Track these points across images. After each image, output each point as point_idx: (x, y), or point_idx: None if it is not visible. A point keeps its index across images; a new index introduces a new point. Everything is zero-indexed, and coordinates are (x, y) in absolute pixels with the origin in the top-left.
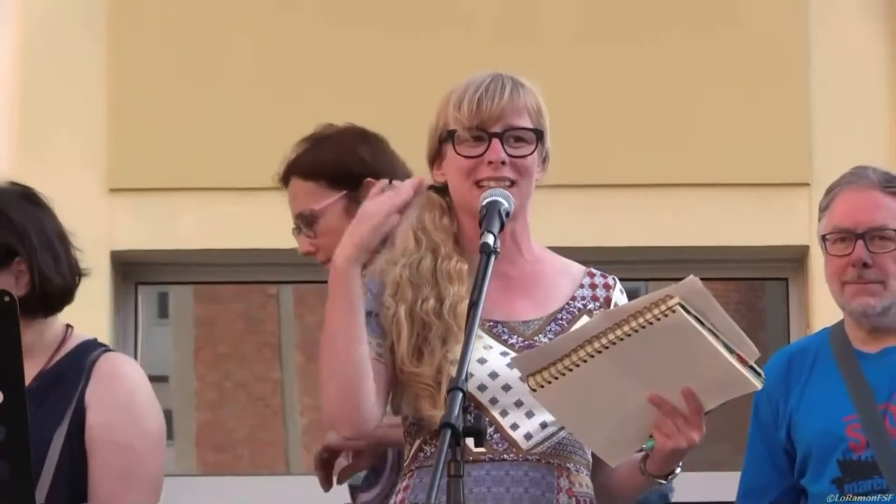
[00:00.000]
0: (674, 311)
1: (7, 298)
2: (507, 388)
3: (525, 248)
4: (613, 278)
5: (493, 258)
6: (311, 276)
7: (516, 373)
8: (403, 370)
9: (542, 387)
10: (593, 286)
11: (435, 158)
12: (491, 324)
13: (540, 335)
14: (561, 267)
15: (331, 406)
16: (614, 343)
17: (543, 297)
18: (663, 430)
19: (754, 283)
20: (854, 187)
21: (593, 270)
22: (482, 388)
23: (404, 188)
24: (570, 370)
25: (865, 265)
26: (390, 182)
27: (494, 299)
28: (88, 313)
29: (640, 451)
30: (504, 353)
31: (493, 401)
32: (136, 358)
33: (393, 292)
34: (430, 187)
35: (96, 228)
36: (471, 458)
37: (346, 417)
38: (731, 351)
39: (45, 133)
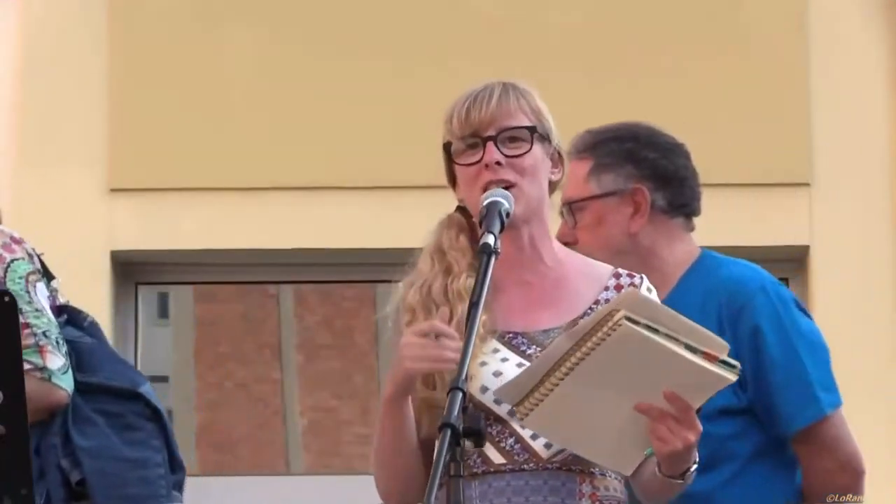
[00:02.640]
0: (620, 326)
1: (7, 298)
2: None
3: (546, 253)
4: (641, 277)
5: (493, 258)
6: (311, 275)
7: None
8: (417, 395)
9: (528, 415)
10: (618, 287)
11: (453, 178)
12: (511, 335)
13: None
14: (586, 270)
15: (382, 497)
16: (578, 364)
17: (565, 304)
18: (657, 435)
19: None
20: None
21: (620, 271)
22: (499, 401)
23: (450, 349)
24: (547, 395)
25: (567, 243)
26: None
27: (515, 309)
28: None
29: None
30: (520, 365)
31: (512, 413)
32: (135, 358)
33: (409, 319)
34: (457, 208)
35: (96, 228)
36: (492, 470)
37: None
38: (694, 351)
39: (45, 133)
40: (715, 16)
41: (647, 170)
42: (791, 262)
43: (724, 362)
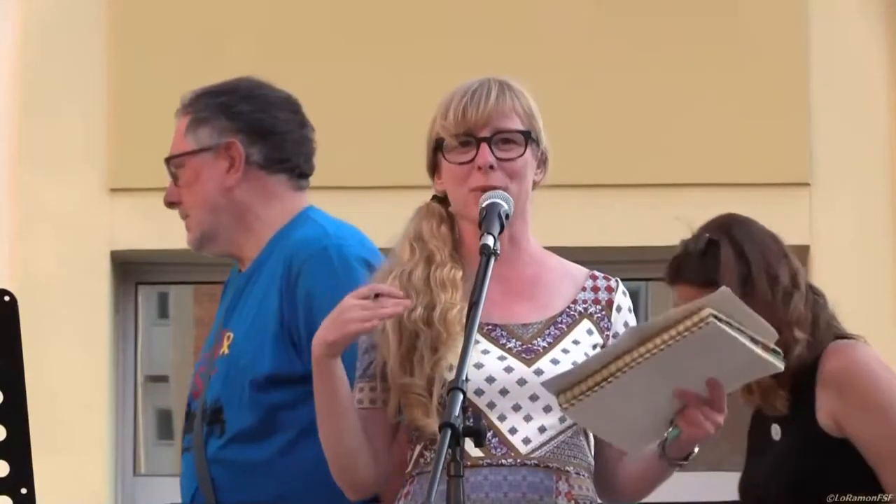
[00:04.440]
0: (707, 324)
1: (7, 298)
2: (504, 391)
3: (525, 250)
4: (616, 280)
5: (493, 259)
6: None
7: (513, 376)
8: (395, 381)
9: (573, 405)
10: (595, 289)
11: (434, 169)
12: (489, 327)
13: (538, 339)
14: (563, 270)
15: (332, 473)
16: (646, 357)
17: (544, 301)
18: (690, 420)
19: None
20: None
21: (596, 273)
22: (479, 392)
23: (391, 304)
24: (602, 387)
25: (172, 203)
26: (376, 296)
27: (494, 302)
28: (88, 313)
29: (664, 440)
30: (501, 358)
31: (491, 405)
32: (135, 358)
33: None
34: (433, 197)
35: (96, 228)
36: (469, 464)
37: (343, 485)
38: (756, 342)
39: (45, 133)
40: (715, 16)
41: (240, 123)
42: None
43: (774, 350)
